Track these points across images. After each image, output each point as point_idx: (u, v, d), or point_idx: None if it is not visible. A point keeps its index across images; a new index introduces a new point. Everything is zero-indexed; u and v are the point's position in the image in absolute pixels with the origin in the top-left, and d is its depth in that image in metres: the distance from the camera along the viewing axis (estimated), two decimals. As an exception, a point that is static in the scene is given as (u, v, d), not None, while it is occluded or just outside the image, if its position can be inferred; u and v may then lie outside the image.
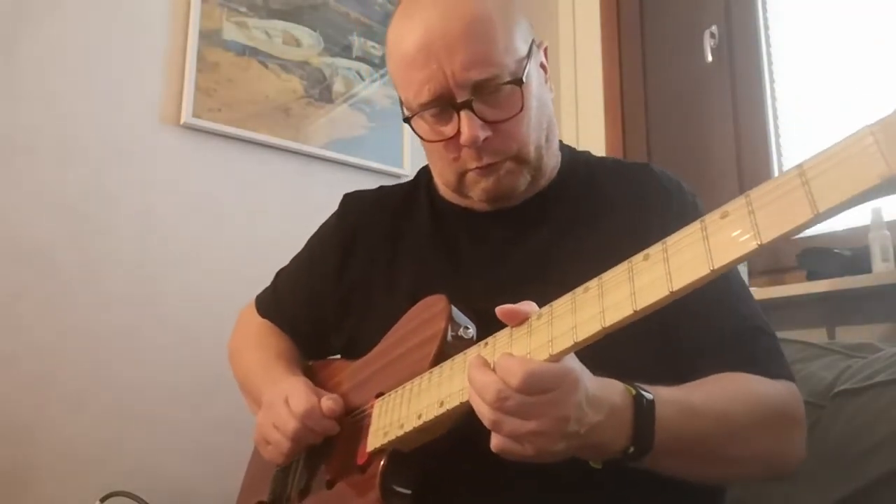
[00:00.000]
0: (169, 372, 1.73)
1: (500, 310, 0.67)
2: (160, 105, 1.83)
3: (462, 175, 0.88)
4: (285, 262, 1.17)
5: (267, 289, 1.14)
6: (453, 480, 0.78)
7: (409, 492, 0.77)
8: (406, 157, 2.22)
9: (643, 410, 0.66)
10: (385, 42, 0.91)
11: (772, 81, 2.07)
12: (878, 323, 1.66)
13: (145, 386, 1.69)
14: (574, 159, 0.99)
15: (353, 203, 1.07)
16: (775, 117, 2.04)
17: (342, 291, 1.00)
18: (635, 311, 0.56)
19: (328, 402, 0.85)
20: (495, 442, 0.65)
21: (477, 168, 0.86)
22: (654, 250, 0.56)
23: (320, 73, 2.11)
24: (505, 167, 0.86)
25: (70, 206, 1.67)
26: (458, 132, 0.83)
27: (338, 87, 2.14)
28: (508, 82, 0.82)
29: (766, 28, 2.11)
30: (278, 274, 1.14)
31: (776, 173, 2.00)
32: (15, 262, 1.58)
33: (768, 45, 2.09)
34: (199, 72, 1.86)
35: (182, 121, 1.83)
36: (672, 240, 0.55)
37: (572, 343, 0.60)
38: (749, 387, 0.77)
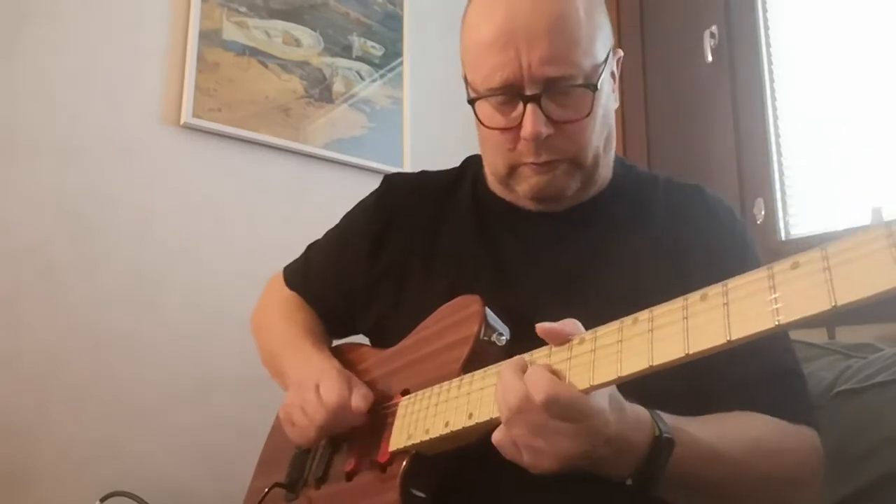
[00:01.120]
0: (169, 372, 1.73)
1: (541, 328, 0.64)
2: (160, 105, 1.83)
3: (514, 167, 0.87)
4: (285, 262, 1.17)
5: (297, 261, 1.13)
6: (471, 486, 0.77)
7: (426, 496, 0.77)
8: (406, 157, 2.22)
9: (657, 453, 0.64)
10: (387, 38, 0.91)
11: (772, 81, 2.07)
12: (878, 323, 1.66)
13: (145, 386, 1.69)
14: (627, 174, 0.97)
15: (394, 185, 1.05)
16: (775, 117, 2.04)
17: (374, 275, 0.98)
18: (688, 355, 0.52)
19: (358, 400, 0.83)
20: (497, 437, 0.64)
21: (532, 164, 0.84)
22: (713, 291, 0.52)
23: (320, 73, 2.11)
24: (560, 168, 0.85)
25: (70, 206, 1.67)
26: (520, 124, 0.82)
27: (338, 87, 2.14)
28: (581, 85, 0.81)
29: (766, 28, 2.10)
30: (310, 247, 1.12)
31: (776, 174, 2.00)
32: (14, 262, 1.58)
33: (768, 45, 2.09)
34: (199, 72, 1.86)
35: (182, 121, 1.83)
36: (733, 283, 0.51)
37: (615, 377, 0.57)
38: (773, 436, 0.75)
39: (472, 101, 0.86)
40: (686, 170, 2.15)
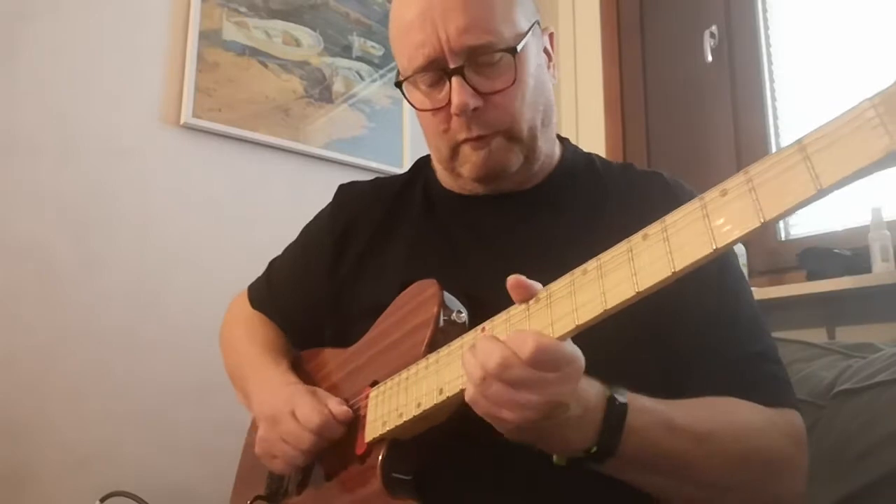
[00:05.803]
0: (168, 372, 1.73)
1: (512, 279, 0.65)
2: (160, 105, 1.83)
3: (454, 149, 0.87)
4: (285, 262, 1.17)
5: (259, 279, 1.13)
6: (454, 465, 0.77)
7: (409, 478, 0.77)
8: (406, 157, 2.22)
9: (613, 414, 0.65)
10: (387, 38, 0.90)
11: (772, 81, 2.07)
12: (878, 323, 1.66)
13: (145, 386, 1.69)
14: (576, 153, 0.98)
15: (347, 194, 1.06)
16: (775, 117, 2.04)
17: (335, 282, 0.99)
18: (638, 293, 0.55)
19: (339, 408, 0.83)
20: (471, 393, 0.63)
21: (467, 140, 0.84)
22: (653, 230, 0.55)
23: (320, 73, 2.11)
24: (495, 142, 0.85)
25: (70, 205, 1.67)
26: (450, 101, 0.82)
27: (338, 87, 2.14)
28: (502, 49, 0.82)
29: (766, 28, 2.11)
30: (271, 264, 1.13)
31: (776, 173, 2.00)
32: (14, 262, 1.58)
33: (768, 45, 2.09)
34: (199, 72, 1.86)
35: (182, 121, 1.83)
36: (671, 219, 0.54)
37: (574, 326, 0.59)
38: (741, 416, 0.74)
39: (398, 84, 0.87)
40: (686, 169, 2.15)
